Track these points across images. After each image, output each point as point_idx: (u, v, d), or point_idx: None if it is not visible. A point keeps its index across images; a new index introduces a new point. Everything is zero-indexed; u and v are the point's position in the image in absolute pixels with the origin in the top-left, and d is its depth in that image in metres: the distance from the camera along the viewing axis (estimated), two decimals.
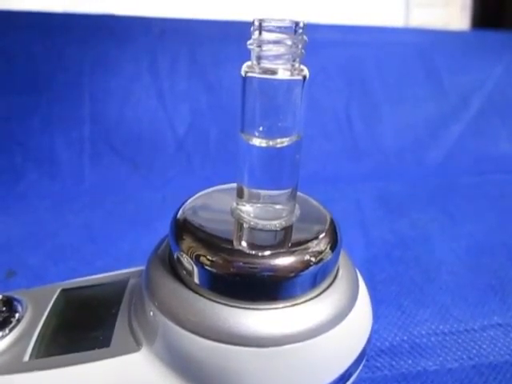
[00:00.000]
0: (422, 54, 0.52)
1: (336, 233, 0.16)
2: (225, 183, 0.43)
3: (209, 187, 0.21)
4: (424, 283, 0.28)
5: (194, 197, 0.18)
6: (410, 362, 0.23)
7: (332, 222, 0.17)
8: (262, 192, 0.16)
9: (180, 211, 0.17)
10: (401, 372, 0.23)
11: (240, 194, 0.16)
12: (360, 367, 0.17)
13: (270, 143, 0.15)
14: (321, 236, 0.16)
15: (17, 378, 0.16)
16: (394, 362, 0.23)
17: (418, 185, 0.42)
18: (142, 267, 0.21)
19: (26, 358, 0.17)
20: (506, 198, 0.39)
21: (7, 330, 0.18)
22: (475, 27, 0.62)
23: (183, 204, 0.18)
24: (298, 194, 0.17)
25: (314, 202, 0.18)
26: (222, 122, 0.46)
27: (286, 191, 0.16)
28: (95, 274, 0.28)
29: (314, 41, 0.49)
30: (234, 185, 0.17)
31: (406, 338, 0.24)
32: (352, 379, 0.17)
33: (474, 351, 0.24)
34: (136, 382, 0.16)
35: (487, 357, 0.23)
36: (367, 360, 0.17)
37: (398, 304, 0.26)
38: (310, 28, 0.44)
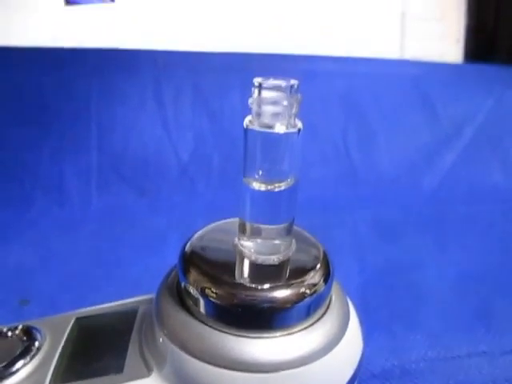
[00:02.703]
0: (417, 85, 0.55)
1: (329, 266, 0.18)
2: (226, 207, 0.44)
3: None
4: (414, 309, 0.30)
5: (200, 231, 0.20)
6: None
7: (325, 256, 0.18)
8: (262, 227, 0.18)
9: (187, 245, 0.19)
10: None
11: (242, 230, 0.18)
12: None
13: (269, 187, 0.17)
14: (315, 270, 0.17)
15: None
16: None
17: (412, 211, 0.43)
18: (151, 295, 0.22)
19: (47, 383, 0.19)
20: (495, 227, 0.41)
21: (28, 358, 0.19)
22: (469, 60, 0.64)
23: (190, 238, 0.19)
24: (294, 227, 0.19)
25: (308, 236, 0.20)
26: (224, 148, 0.48)
27: (283, 226, 0.18)
28: (105, 299, 0.29)
29: (313, 71, 0.52)
30: (237, 219, 0.18)
31: (396, 363, 0.26)
32: None
33: (461, 377, 0.25)
34: None
35: (472, 383, 0.25)
36: None
37: (390, 329, 0.28)
38: (309, 59, 0.47)
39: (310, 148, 0.47)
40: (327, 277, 0.17)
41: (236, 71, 0.50)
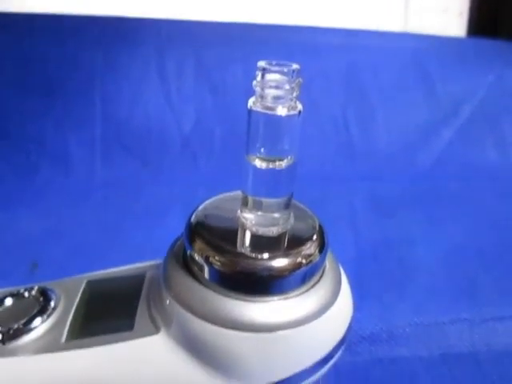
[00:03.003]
0: (418, 59, 0.55)
1: (324, 237, 0.20)
2: (227, 180, 0.46)
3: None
4: (404, 281, 0.32)
5: (206, 203, 0.21)
6: (386, 348, 0.27)
7: (320, 228, 0.20)
8: (262, 201, 0.19)
9: (193, 216, 0.20)
10: (378, 357, 0.26)
11: (244, 203, 0.19)
12: (340, 351, 0.20)
13: (270, 165, 0.18)
14: (311, 241, 0.19)
15: (57, 355, 0.20)
16: (372, 348, 0.27)
17: (406, 187, 0.45)
18: (157, 261, 0.24)
19: (63, 339, 0.20)
20: (487, 204, 0.43)
21: (45, 316, 0.21)
22: (472, 34, 0.64)
23: (196, 209, 0.21)
24: (293, 201, 0.20)
25: (305, 209, 0.21)
26: (226, 121, 0.49)
27: (282, 200, 0.19)
28: (112, 266, 0.31)
29: (315, 44, 0.52)
30: (239, 192, 0.20)
31: (384, 327, 0.28)
32: (332, 361, 0.20)
33: (443, 341, 0.27)
34: (155, 360, 0.19)
35: (453, 347, 0.27)
36: (350, 345, 0.21)
37: (380, 298, 0.30)
38: (310, 31, 0.47)
39: (309, 122, 0.48)
40: (322, 248, 0.19)
41: (238, 43, 0.50)
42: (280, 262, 0.18)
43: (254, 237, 0.19)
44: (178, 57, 0.49)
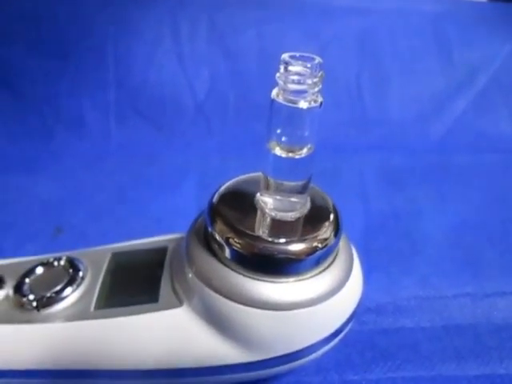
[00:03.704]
0: (436, 24, 0.53)
1: (338, 221, 0.21)
2: (241, 147, 0.46)
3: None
4: (411, 254, 0.33)
5: (227, 184, 0.22)
6: (391, 319, 0.28)
7: (335, 212, 0.21)
8: (281, 186, 0.20)
9: (215, 196, 0.21)
10: (383, 327, 0.28)
11: (263, 186, 0.20)
12: (349, 325, 0.22)
13: (290, 154, 0.19)
14: (326, 225, 0.20)
15: (87, 323, 0.21)
16: (378, 319, 0.28)
17: (418, 159, 0.45)
18: (178, 234, 0.25)
19: (92, 308, 0.22)
20: (497, 178, 0.43)
21: (75, 286, 0.23)
22: None
23: (218, 190, 0.21)
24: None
25: (320, 191, 0.22)
26: (240, 86, 0.49)
27: (300, 185, 0.20)
28: (130, 233, 0.32)
29: (329, 7, 0.51)
30: (260, 174, 0.20)
31: (390, 300, 0.30)
32: (342, 334, 0.22)
33: (445, 314, 0.29)
34: (178, 331, 0.21)
35: (455, 319, 0.29)
36: (356, 316, 0.22)
37: (387, 271, 0.31)
38: None
39: (323, 90, 0.48)
40: (336, 232, 0.20)
41: (253, 6, 0.49)
42: (296, 247, 0.19)
43: (272, 221, 0.20)
44: (192, 20, 0.48)
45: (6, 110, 0.48)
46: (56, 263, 0.24)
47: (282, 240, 0.19)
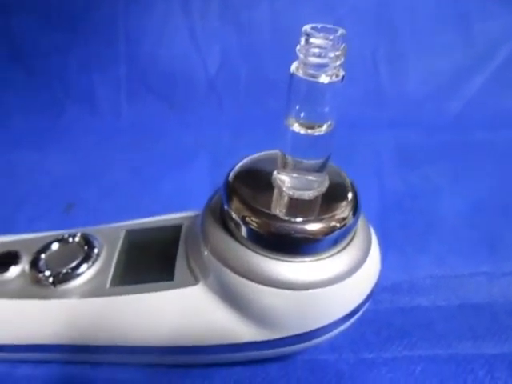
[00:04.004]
0: None
1: (357, 201, 0.20)
2: (253, 124, 0.46)
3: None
4: (426, 233, 0.32)
5: (244, 161, 0.21)
6: (407, 298, 0.28)
7: (354, 191, 0.20)
8: (299, 164, 0.19)
9: (231, 174, 0.20)
10: (399, 306, 0.28)
11: (281, 164, 0.20)
12: (366, 305, 0.22)
13: (309, 131, 0.18)
14: (344, 205, 0.19)
15: (103, 300, 0.21)
16: (394, 298, 0.28)
17: (434, 136, 0.44)
18: (192, 212, 0.25)
19: (108, 285, 0.22)
20: None
21: (91, 262, 0.23)
22: None
23: (234, 167, 0.21)
24: None
25: (339, 170, 0.22)
26: (252, 62, 0.48)
27: (318, 164, 0.19)
28: (143, 210, 0.32)
29: None
30: (277, 151, 0.20)
31: (406, 278, 0.29)
32: (359, 313, 0.21)
33: (461, 293, 0.29)
34: (194, 309, 0.21)
35: (471, 298, 0.28)
36: (372, 295, 0.22)
37: (403, 250, 0.31)
38: None
39: None
40: (355, 212, 0.19)
41: None
42: (314, 226, 0.18)
43: (289, 200, 0.19)
44: None
45: (17, 84, 0.48)
46: (71, 239, 0.24)
47: (300, 219, 0.18)
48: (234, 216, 0.19)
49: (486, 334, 0.26)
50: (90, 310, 0.22)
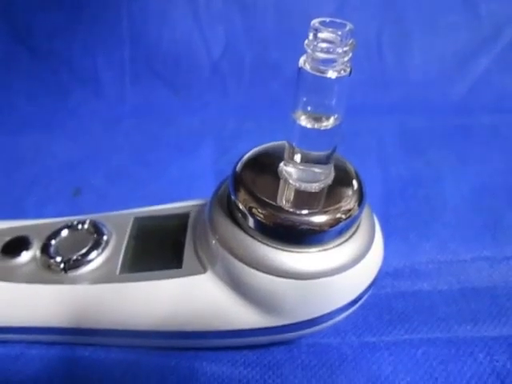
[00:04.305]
0: None
1: (362, 192, 0.20)
2: (257, 108, 0.46)
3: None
4: (429, 219, 0.33)
5: (251, 152, 0.21)
6: (408, 283, 0.29)
7: (359, 182, 0.21)
8: (305, 156, 0.19)
9: (238, 165, 0.21)
10: (400, 290, 0.28)
11: (287, 156, 0.20)
12: (369, 292, 0.22)
13: (315, 126, 0.18)
14: (350, 197, 0.19)
15: (113, 286, 0.22)
16: (395, 283, 0.29)
17: (438, 121, 0.44)
18: (200, 201, 0.25)
19: (117, 271, 0.23)
20: None
21: (100, 250, 0.23)
22: None
23: (241, 158, 0.21)
24: None
25: (343, 160, 0.22)
26: (256, 45, 0.47)
27: (324, 155, 0.19)
28: (150, 196, 0.33)
29: None
30: (285, 142, 0.20)
31: (407, 264, 0.30)
32: (362, 300, 0.22)
33: (462, 277, 0.29)
34: (202, 296, 0.21)
35: (472, 282, 0.29)
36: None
37: (405, 236, 0.31)
38: None
39: None
40: (360, 203, 0.20)
41: None
42: (319, 218, 0.18)
43: (296, 192, 0.20)
44: None
45: (22, 67, 0.48)
46: (80, 226, 0.25)
47: (306, 211, 0.19)
48: (240, 207, 0.20)
49: (487, 318, 0.27)
50: (100, 295, 0.22)
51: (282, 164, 0.20)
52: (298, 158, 0.19)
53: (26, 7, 0.46)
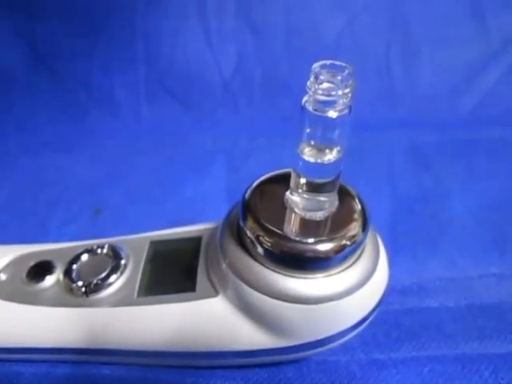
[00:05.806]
0: None
1: (366, 217, 0.21)
2: (268, 126, 0.47)
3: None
4: (437, 236, 0.33)
5: (260, 179, 0.23)
6: (416, 300, 0.29)
7: (363, 207, 0.21)
8: (309, 186, 0.20)
9: (247, 193, 0.22)
10: (408, 307, 0.29)
11: (292, 185, 0.21)
12: (375, 312, 0.23)
13: (318, 160, 0.19)
14: (354, 223, 0.20)
15: (132, 309, 0.23)
16: (403, 299, 0.30)
17: (447, 136, 0.44)
18: (212, 224, 0.27)
19: (135, 295, 0.24)
20: None
21: (119, 273, 0.25)
22: None
23: (250, 186, 0.22)
24: None
25: (346, 186, 0.22)
26: (266, 63, 0.49)
27: (329, 184, 0.20)
28: (166, 215, 0.34)
29: None
30: (291, 170, 0.21)
31: (415, 281, 0.30)
32: (368, 320, 0.23)
33: (470, 294, 0.30)
34: (214, 319, 0.22)
35: (479, 299, 0.29)
36: None
37: (413, 253, 0.32)
38: None
39: (351, 62, 0.47)
40: (364, 228, 0.21)
41: None
42: (325, 246, 0.19)
43: (301, 220, 0.21)
44: None
45: (42, 88, 0.50)
46: (99, 250, 0.26)
47: (311, 239, 0.20)
48: (248, 234, 0.21)
49: (493, 334, 0.27)
50: (119, 318, 0.24)
51: (287, 193, 0.21)
52: (303, 187, 0.20)
53: (47, 32, 0.48)
